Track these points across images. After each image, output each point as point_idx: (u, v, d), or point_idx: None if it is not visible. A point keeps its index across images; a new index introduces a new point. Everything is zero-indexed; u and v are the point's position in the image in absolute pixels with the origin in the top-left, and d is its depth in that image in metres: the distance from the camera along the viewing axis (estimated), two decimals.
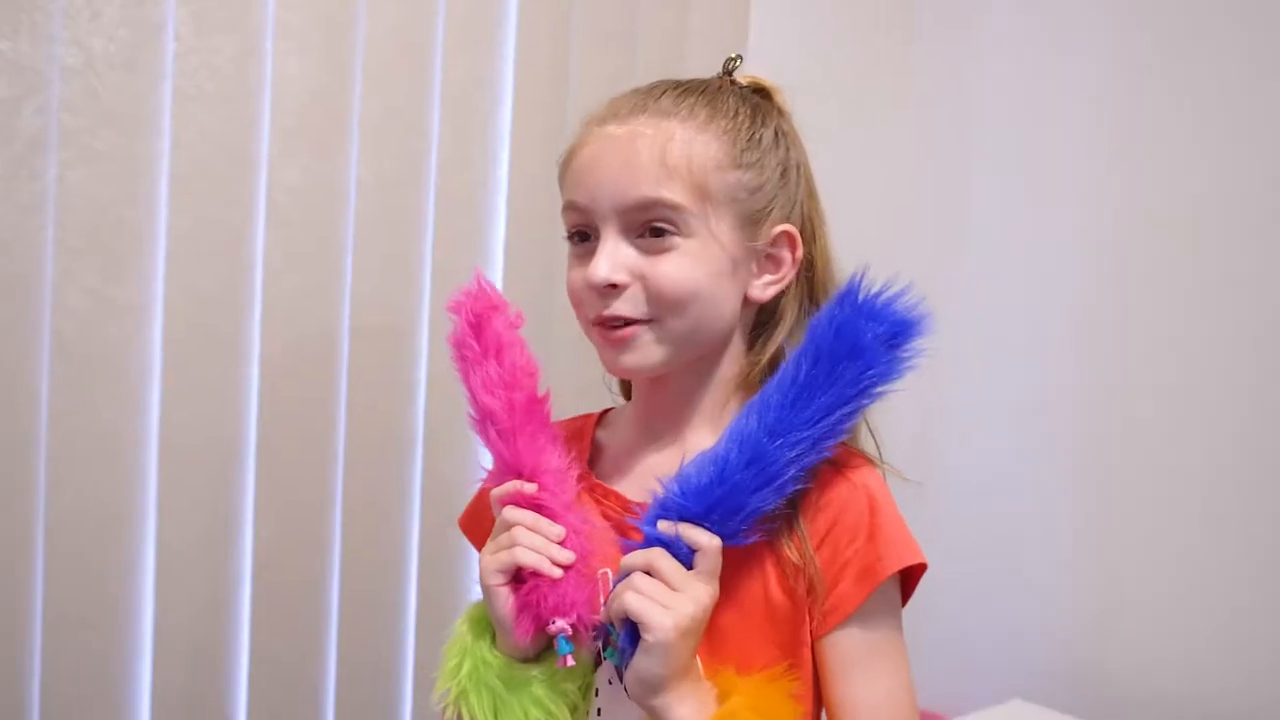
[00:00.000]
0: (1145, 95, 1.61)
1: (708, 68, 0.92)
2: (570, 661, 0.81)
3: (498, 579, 0.83)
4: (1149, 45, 1.60)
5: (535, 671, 0.84)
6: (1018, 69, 1.73)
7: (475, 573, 1.48)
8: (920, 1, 1.83)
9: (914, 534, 0.87)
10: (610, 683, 0.87)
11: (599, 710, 0.87)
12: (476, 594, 1.50)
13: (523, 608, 0.82)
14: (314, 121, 1.34)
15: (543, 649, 0.85)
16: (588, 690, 0.86)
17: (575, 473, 0.88)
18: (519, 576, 0.83)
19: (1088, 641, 1.67)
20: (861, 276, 0.82)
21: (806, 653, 0.86)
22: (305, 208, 1.35)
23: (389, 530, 1.46)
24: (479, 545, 1.00)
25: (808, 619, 0.85)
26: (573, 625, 0.82)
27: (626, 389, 1.02)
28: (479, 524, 1.00)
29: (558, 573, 0.82)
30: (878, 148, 1.75)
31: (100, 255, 1.23)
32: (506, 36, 1.48)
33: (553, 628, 0.81)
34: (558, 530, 0.83)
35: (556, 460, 0.87)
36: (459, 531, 1.51)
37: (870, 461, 0.89)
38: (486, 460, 1.48)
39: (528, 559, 0.82)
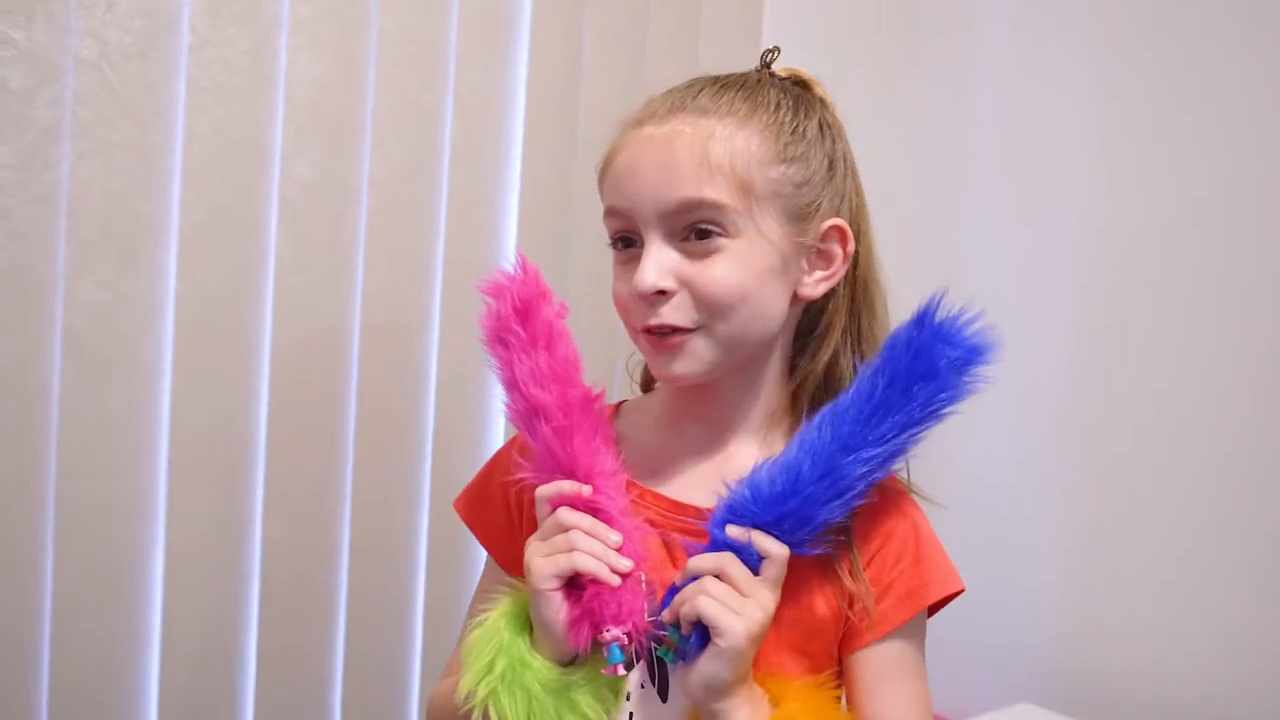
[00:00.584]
0: (1144, 99, 1.60)
1: (720, 66, 0.90)
2: (622, 670, 0.80)
3: (552, 583, 0.80)
4: (1148, 48, 1.60)
5: (576, 676, 0.82)
6: (1017, 73, 1.73)
7: (482, 568, 1.49)
8: (925, 4, 1.83)
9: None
10: (643, 686, 0.86)
11: (631, 715, 0.86)
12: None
13: (582, 615, 0.80)
14: (327, 116, 1.34)
15: (581, 653, 0.83)
16: (619, 694, 0.84)
17: (625, 477, 0.85)
18: (574, 581, 0.81)
19: (1095, 645, 1.66)
20: (940, 299, 0.81)
21: (835, 667, 0.86)
22: (317, 202, 1.34)
23: (398, 526, 1.46)
24: (478, 532, 0.99)
25: (842, 632, 0.86)
26: (627, 634, 0.80)
27: (647, 383, 1.00)
28: (486, 512, 0.97)
29: (617, 580, 0.79)
30: (882, 149, 1.75)
31: (113, 247, 1.22)
32: (520, 33, 1.48)
33: (607, 636, 0.79)
34: (616, 537, 0.81)
35: (610, 463, 0.84)
36: (466, 529, 1.51)
37: (902, 485, 0.90)
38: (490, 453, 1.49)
39: (588, 565, 0.79)
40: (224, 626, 1.34)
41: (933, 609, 0.89)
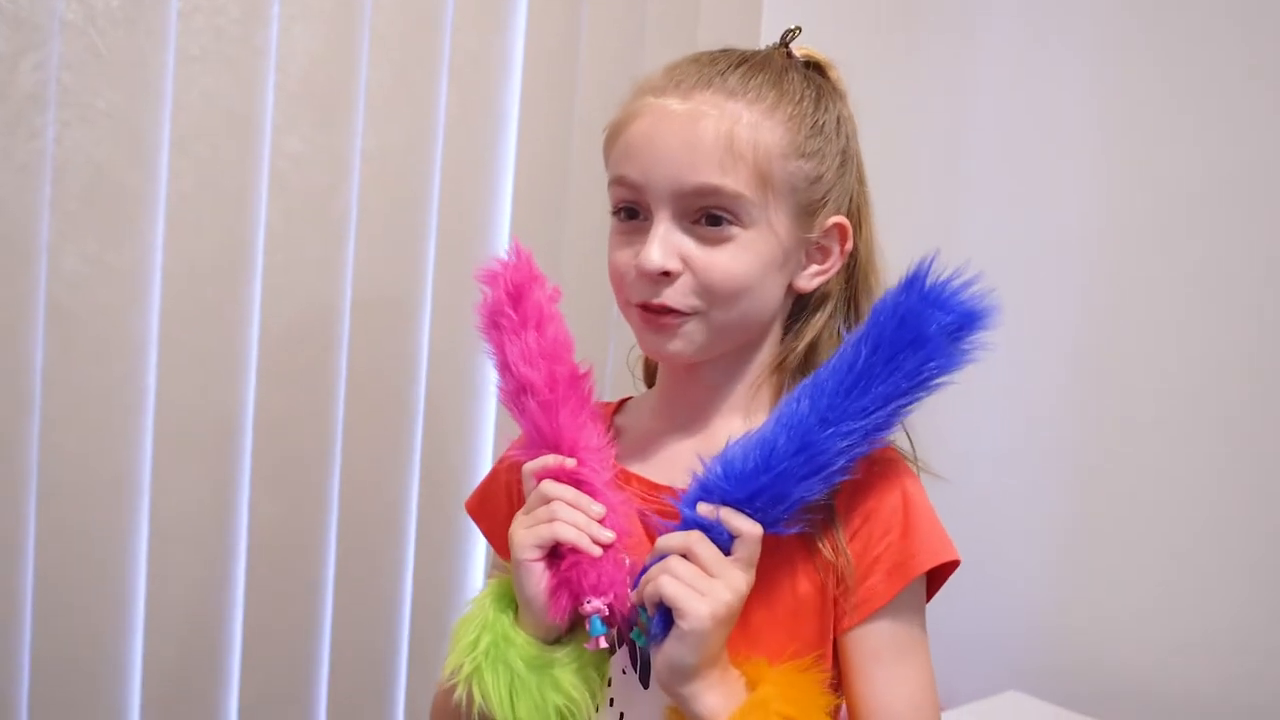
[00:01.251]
0: (1143, 95, 1.60)
1: (719, 41, 0.88)
2: (603, 643, 0.79)
3: (533, 553, 0.80)
4: (1148, 48, 1.59)
5: (560, 654, 0.81)
6: (1016, 70, 1.72)
7: (474, 551, 1.48)
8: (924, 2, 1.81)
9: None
10: (624, 672, 0.85)
11: (611, 700, 0.85)
12: (474, 573, 1.49)
13: (561, 584, 0.79)
14: (319, 88, 1.31)
15: (566, 632, 0.82)
16: (604, 676, 0.84)
17: (613, 452, 0.85)
18: (555, 552, 0.80)
19: (1082, 635, 1.67)
20: (930, 262, 0.78)
21: (829, 648, 0.84)
22: (308, 176, 1.31)
23: (386, 507, 1.43)
24: (488, 531, 0.98)
25: (833, 613, 0.83)
26: (609, 606, 0.79)
27: (650, 377, 1.00)
28: (491, 508, 0.97)
29: (598, 551, 0.79)
30: (881, 143, 1.73)
31: (98, 218, 1.19)
32: (517, 6, 1.45)
33: (588, 607, 0.79)
34: (599, 508, 0.81)
35: (596, 438, 0.84)
36: (457, 510, 1.49)
37: (902, 456, 0.87)
38: (488, 438, 1.47)
39: (568, 534, 0.79)
40: (209, 607, 1.31)
41: (932, 587, 0.86)
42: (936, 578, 0.86)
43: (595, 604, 0.79)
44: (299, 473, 1.36)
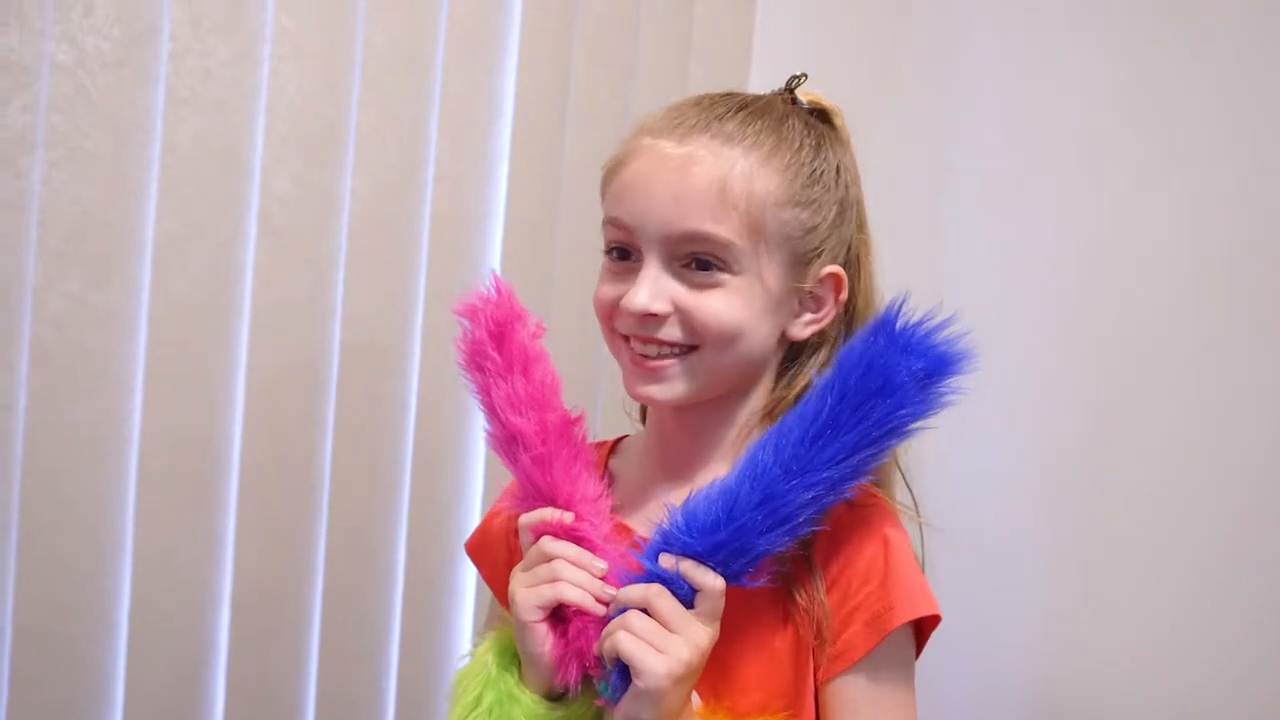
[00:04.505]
0: (1139, 101, 1.54)
1: (709, 84, 0.88)
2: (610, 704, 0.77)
3: (536, 615, 0.77)
4: (1159, 49, 1.54)
5: (565, 713, 0.79)
6: (1012, 86, 1.69)
7: (463, 598, 1.46)
8: (921, 20, 1.80)
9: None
10: None
11: None
12: (462, 619, 1.47)
13: (569, 654, 0.77)
14: (309, 129, 1.31)
15: (572, 691, 0.80)
16: None
17: (609, 503, 0.83)
18: (559, 612, 0.78)
19: (1071, 696, 1.62)
20: (900, 305, 0.75)
21: (809, 699, 0.81)
22: (297, 217, 1.31)
23: (373, 553, 1.41)
24: (486, 573, 0.96)
25: (812, 663, 0.81)
26: None
27: (645, 415, 0.98)
28: (490, 553, 0.95)
29: (602, 610, 0.76)
30: (871, 161, 1.72)
31: (84, 259, 1.19)
32: (508, 47, 1.46)
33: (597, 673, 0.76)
34: (602, 565, 0.78)
35: (592, 489, 0.82)
36: (445, 556, 1.47)
37: (889, 502, 0.85)
38: (478, 483, 1.46)
39: (573, 595, 0.76)
40: (192, 653, 1.29)
41: (919, 643, 0.83)
42: (919, 633, 0.83)
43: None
44: (285, 517, 1.34)
